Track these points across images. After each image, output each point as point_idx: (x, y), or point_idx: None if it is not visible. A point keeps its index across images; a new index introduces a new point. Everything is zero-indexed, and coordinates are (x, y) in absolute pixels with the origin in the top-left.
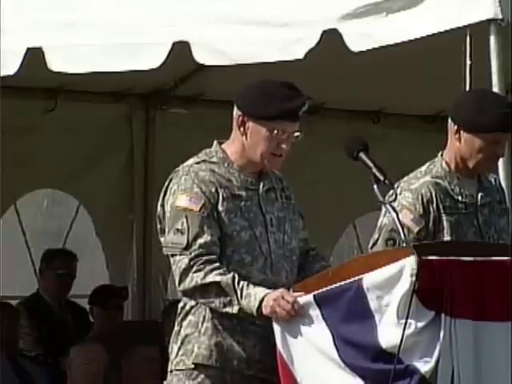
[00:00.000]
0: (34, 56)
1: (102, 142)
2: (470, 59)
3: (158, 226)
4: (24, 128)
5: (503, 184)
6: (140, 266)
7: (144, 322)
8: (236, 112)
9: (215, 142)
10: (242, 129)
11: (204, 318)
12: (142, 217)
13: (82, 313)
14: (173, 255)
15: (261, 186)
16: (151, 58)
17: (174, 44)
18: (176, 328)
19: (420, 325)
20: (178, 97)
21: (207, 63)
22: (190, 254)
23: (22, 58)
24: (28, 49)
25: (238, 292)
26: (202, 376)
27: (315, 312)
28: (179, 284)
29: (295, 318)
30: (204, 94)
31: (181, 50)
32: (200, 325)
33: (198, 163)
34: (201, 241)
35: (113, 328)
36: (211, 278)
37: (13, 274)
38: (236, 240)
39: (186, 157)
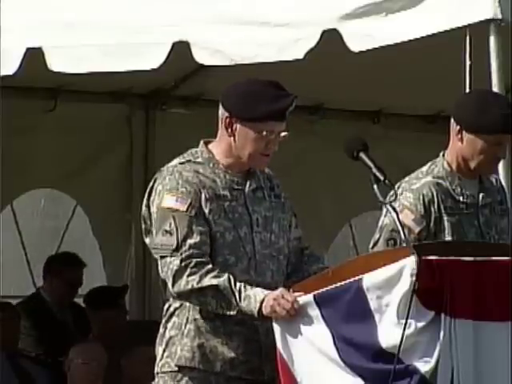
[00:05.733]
0: (34, 56)
1: (102, 142)
2: (470, 59)
3: (143, 227)
4: (24, 128)
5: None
6: (139, 266)
7: (144, 322)
8: (222, 113)
9: (201, 141)
10: (229, 130)
11: (187, 319)
12: None
13: (82, 313)
14: (162, 257)
15: (247, 186)
16: (151, 57)
17: (174, 44)
18: (161, 330)
19: (420, 325)
20: (178, 97)
21: (207, 63)
22: (181, 254)
23: (21, 58)
24: (28, 49)
25: (237, 294)
26: (186, 378)
27: (315, 312)
28: (173, 286)
29: (295, 317)
30: (204, 93)
31: (181, 50)
32: (183, 326)
33: (182, 163)
34: (191, 241)
35: (113, 328)
36: (207, 281)
37: (9, 274)
38: (219, 241)
39: None
